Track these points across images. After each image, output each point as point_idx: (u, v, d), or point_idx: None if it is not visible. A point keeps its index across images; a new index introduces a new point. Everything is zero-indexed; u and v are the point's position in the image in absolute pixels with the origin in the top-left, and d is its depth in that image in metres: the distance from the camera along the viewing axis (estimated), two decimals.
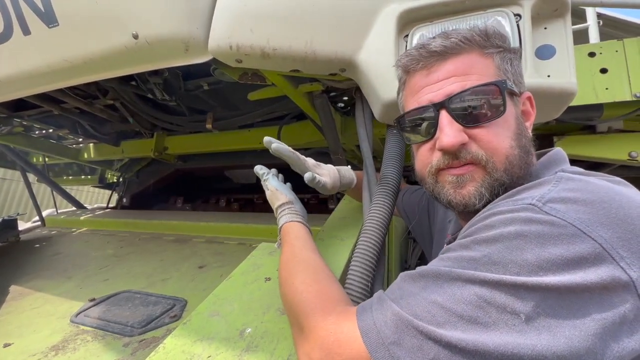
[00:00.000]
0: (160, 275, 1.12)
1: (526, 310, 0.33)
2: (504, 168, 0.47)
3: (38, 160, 2.40)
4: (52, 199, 2.34)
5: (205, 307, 0.63)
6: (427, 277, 0.40)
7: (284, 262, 0.59)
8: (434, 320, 0.36)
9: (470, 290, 0.35)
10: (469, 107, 0.47)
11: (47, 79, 0.97)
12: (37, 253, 1.53)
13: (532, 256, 0.34)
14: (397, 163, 0.76)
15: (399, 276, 0.45)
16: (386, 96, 0.77)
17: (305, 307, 0.47)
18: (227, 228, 1.53)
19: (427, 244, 0.81)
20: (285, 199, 0.73)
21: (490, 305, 0.34)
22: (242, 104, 1.60)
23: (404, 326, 0.37)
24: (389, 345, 0.37)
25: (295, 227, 0.67)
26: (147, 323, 0.80)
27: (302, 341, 0.46)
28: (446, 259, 0.41)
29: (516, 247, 0.35)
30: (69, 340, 0.78)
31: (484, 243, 0.38)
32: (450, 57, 0.50)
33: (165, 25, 0.76)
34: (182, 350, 0.53)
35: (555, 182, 0.41)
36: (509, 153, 0.47)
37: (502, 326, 0.33)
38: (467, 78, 0.48)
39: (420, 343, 0.35)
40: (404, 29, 0.78)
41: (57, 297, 1.02)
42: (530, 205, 0.38)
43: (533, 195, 0.39)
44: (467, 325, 0.34)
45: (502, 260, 0.35)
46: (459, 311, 0.35)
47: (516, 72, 0.52)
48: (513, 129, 0.49)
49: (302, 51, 0.77)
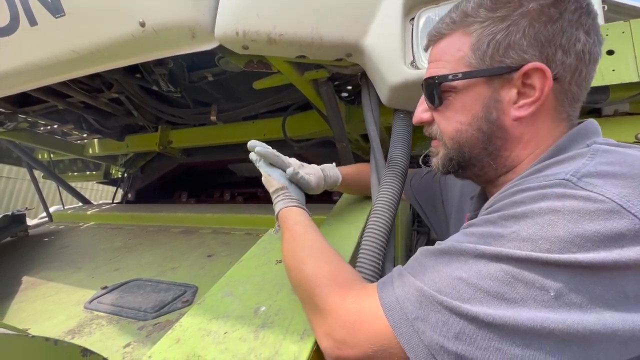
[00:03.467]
0: (170, 264, 1.13)
1: (556, 287, 0.32)
2: (451, 146, 0.52)
3: (43, 157, 2.42)
4: (59, 194, 2.36)
5: (219, 289, 0.64)
6: (450, 253, 0.39)
7: (289, 248, 0.59)
8: (459, 296, 0.35)
9: (497, 267, 0.35)
10: (427, 92, 0.53)
11: (54, 71, 0.97)
12: (46, 246, 1.55)
13: (564, 232, 0.33)
14: (405, 146, 0.76)
15: (417, 251, 0.44)
16: (393, 80, 0.78)
17: (321, 289, 0.47)
18: (234, 219, 1.54)
19: (443, 225, 0.81)
20: (278, 185, 0.71)
21: (518, 281, 0.33)
22: (245, 95, 1.60)
23: (428, 301, 0.37)
24: (413, 320, 0.37)
25: (292, 212, 0.66)
26: (160, 308, 0.82)
27: (320, 322, 0.46)
28: (470, 234, 0.40)
29: (547, 223, 0.34)
30: (84, 325, 0.79)
31: (512, 219, 0.37)
32: (439, 40, 0.53)
33: (172, 12, 0.76)
34: (198, 328, 0.54)
35: (591, 155, 0.39)
36: (454, 135, 0.51)
37: (530, 302, 0.32)
38: (435, 65, 0.52)
39: (445, 318, 0.35)
40: (410, 12, 0.78)
41: (69, 286, 1.04)
42: (564, 181, 0.37)
43: (566, 170, 0.38)
44: (493, 301, 0.34)
45: (532, 236, 0.34)
46: (485, 287, 0.34)
47: (500, 47, 0.45)
48: (469, 113, 0.49)
49: (308, 36, 0.77)
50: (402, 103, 0.84)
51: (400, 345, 0.37)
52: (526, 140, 0.47)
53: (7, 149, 2.24)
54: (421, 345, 0.36)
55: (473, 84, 0.48)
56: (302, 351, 0.46)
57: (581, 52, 0.44)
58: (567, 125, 0.48)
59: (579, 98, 0.47)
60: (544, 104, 0.45)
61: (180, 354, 0.49)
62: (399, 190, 0.67)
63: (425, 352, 0.36)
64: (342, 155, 1.29)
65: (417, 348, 0.36)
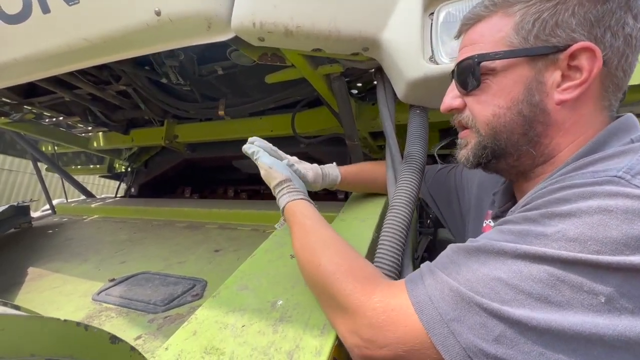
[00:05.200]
0: (177, 258, 1.12)
1: (607, 291, 0.30)
2: (485, 133, 0.50)
3: (47, 149, 2.41)
4: (63, 187, 2.35)
5: (233, 282, 0.63)
6: (487, 252, 0.37)
7: (301, 244, 0.57)
8: (498, 298, 0.34)
9: (540, 268, 0.33)
10: (461, 76, 0.51)
11: (66, 60, 0.96)
12: (50, 238, 1.54)
13: (617, 233, 0.31)
14: (422, 141, 0.76)
15: (448, 247, 0.43)
16: (411, 75, 0.76)
17: (343, 287, 0.46)
18: (240, 214, 1.53)
19: (458, 222, 0.80)
20: (281, 177, 0.68)
21: (563, 283, 0.32)
22: (254, 91, 1.59)
23: (465, 302, 0.35)
24: (449, 321, 0.35)
25: (300, 205, 0.64)
26: (170, 301, 0.81)
27: (345, 320, 0.44)
28: (507, 231, 0.38)
29: (598, 224, 0.32)
30: (93, 316, 0.78)
31: (557, 217, 0.35)
32: (475, 24, 0.51)
33: (189, 1, 0.75)
34: (214, 321, 0.53)
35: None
36: (490, 120, 0.49)
37: (577, 306, 0.31)
38: (472, 48, 0.50)
39: (484, 320, 0.34)
40: (429, 7, 0.77)
41: (76, 278, 1.03)
42: (617, 178, 0.35)
43: (618, 166, 0.36)
44: (536, 304, 0.32)
45: (580, 236, 0.33)
46: (527, 289, 0.33)
47: (547, 26, 0.43)
48: (508, 96, 0.47)
49: (325, 29, 0.76)
50: (419, 99, 0.83)
51: (434, 346, 0.36)
52: (567, 127, 0.46)
53: (11, 140, 2.23)
54: (457, 347, 0.35)
55: (514, 65, 0.46)
56: (324, 346, 0.45)
57: (629, 36, 0.43)
58: (609, 115, 0.46)
59: (622, 86, 0.46)
60: (589, 88, 0.43)
61: (197, 347, 0.48)
62: (417, 186, 0.66)
63: (462, 354, 0.34)
64: (353, 153, 1.28)
65: (453, 350, 0.35)
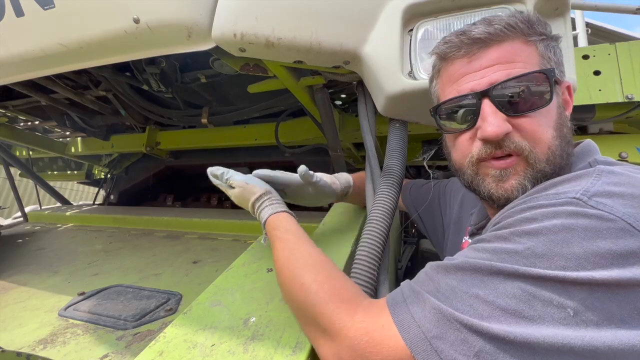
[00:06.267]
0: (153, 270, 1.08)
1: (573, 305, 0.32)
2: (545, 159, 0.46)
3: (22, 154, 2.32)
4: (36, 194, 2.26)
5: (206, 297, 0.61)
6: (464, 269, 0.38)
7: (283, 260, 0.56)
8: (477, 314, 0.35)
9: (514, 284, 0.35)
10: (514, 96, 0.46)
11: (40, 64, 0.93)
12: (20, 247, 1.47)
13: (579, 249, 0.34)
14: (400, 155, 0.76)
15: (427, 265, 0.43)
16: (390, 89, 0.77)
17: (325, 307, 0.45)
18: (221, 224, 1.50)
19: (439, 237, 0.81)
20: (261, 190, 0.66)
21: (535, 299, 0.34)
22: (238, 99, 1.58)
23: (446, 320, 0.36)
24: (431, 339, 0.36)
25: (282, 218, 0.62)
26: (142, 317, 0.78)
27: (326, 342, 0.44)
28: (482, 249, 0.40)
29: (562, 240, 0.35)
30: (57, 334, 0.74)
31: (526, 235, 0.37)
32: (493, 45, 0.48)
33: (168, 10, 0.74)
34: (184, 340, 0.51)
35: (597, 175, 0.40)
36: (551, 143, 0.47)
37: (548, 319, 0.33)
38: (512, 66, 0.47)
39: (465, 336, 0.35)
40: (408, 23, 0.78)
41: (43, 291, 0.98)
42: (575, 199, 0.37)
43: (575, 189, 0.38)
44: (512, 319, 0.34)
45: (547, 253, 0.35)
46: (503, 305, 0.34)
47: (558, 60, 0.50)
48: (555, 119, 0.48)
49: (307, 42, 0.76)
50: (398, 112, 0.84)
51: None
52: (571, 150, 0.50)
53: None
54: None
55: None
56: None
57: None
58: None
59: None
60: None
61: None
62: (395, 200, 0.67)
63: None
64: (336, 164, 1.28)
65: None
